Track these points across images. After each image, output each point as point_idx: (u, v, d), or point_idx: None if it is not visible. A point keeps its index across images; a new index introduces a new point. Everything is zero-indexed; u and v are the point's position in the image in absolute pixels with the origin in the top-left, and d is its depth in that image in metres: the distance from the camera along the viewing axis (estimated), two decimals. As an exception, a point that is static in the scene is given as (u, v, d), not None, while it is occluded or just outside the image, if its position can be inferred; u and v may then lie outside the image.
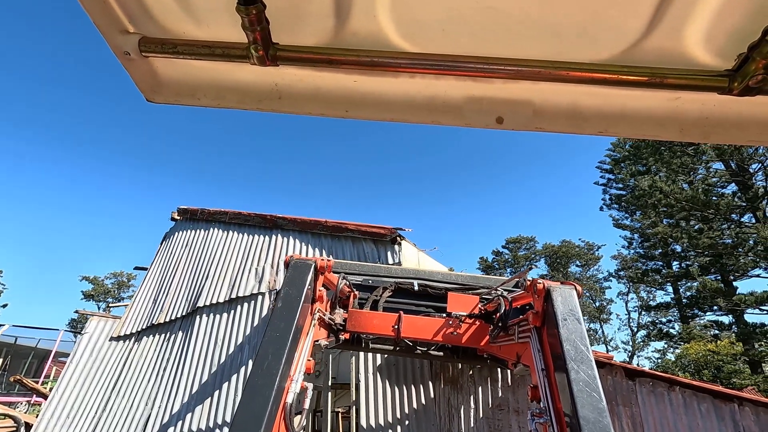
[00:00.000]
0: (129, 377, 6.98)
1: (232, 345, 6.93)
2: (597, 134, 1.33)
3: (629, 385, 6.52)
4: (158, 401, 6.63)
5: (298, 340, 3.04)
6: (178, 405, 6.54)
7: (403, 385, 6.71)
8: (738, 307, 24.65)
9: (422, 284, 5.47)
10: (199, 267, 8.11)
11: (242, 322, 7.21)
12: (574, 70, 1.11)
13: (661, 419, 6.16)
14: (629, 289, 41.54)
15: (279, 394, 2.60)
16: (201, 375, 6.75)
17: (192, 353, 7.02)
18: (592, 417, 2.34)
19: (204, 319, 7.41)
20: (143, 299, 8.28)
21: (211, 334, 7.15)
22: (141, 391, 6.80)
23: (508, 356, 4.15)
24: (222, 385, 6.58)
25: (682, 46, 1.09)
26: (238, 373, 6.68)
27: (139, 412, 6.54)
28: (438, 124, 1.36)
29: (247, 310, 7.30)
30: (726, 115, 1.25)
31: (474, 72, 1.15)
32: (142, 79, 1.32)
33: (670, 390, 6.40)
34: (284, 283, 3.32)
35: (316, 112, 1.36)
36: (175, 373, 6.89)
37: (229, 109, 1.38)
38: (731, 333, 26.95)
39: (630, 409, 6.30)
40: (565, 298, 2.96)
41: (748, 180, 26.33)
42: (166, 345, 7.30)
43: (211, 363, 6.82)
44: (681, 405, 6.24)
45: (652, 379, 6.51)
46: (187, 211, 9.35)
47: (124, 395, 6.79)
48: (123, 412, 6.58)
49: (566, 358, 2.62)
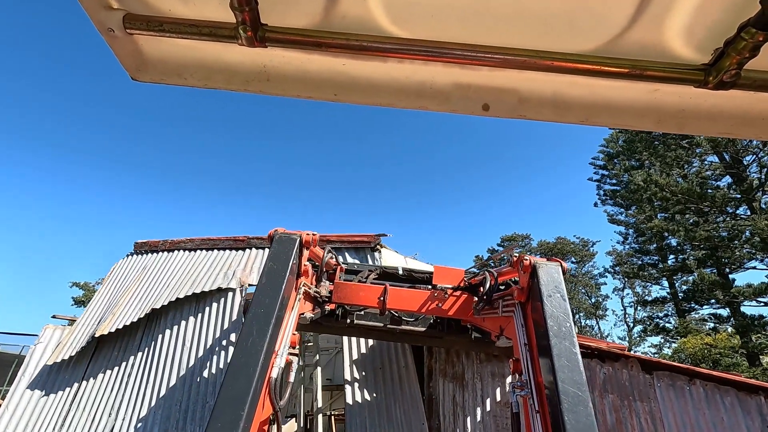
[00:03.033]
0: (89, 388, 6.33)
1: (201, 347, 6.41)
2: (579, 123, 1.37)
3: (646, 379, 6.10)
4: (122, 411, 6.04)
5: (283, 316, 3.02)
6: (144, 412, 5.98)
7: (396, 385, 6.26)
8: (736, 299, 24.56)
9: (406, 269, 5.64)
10: (158, 278, 7.47)
11: (211, 321, 6.69)
12: (559, 60, 1.14)
13: (682, 415, 5.75)
14: (624, 284, 41.53)
15: (264, 371, 2.62)
16: (168, 379, 6.21)
17: (158, 357, 6.47)
18: (571, 390, 2.39)
19: (168, 320, 6.85)
20: (90, 317, 7.46)
21: (177, 335, 6.63)
22: (103, 401, 6.17)
23: (492, 329, 4.22)
24: (192, 388, 6.07)
25: (662, 39, 1.12)
26: (209, 374, 6.17)
27: (102, 424, 5.92)
28: (425, 110, 1.39)
29: (216, 309, 6.77)
30: (700, 108, 1.29)
31: (462, 59, 1.17)
32: (127, 57, 1.30)
33: (691, 383, 5.98)
34: (268, 257, 3.22)
35: (305, 95, 1.37)
36: (141, 379, 6.33)
37: (216, 90, 1.37)
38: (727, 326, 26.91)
39: (648, 405, 5.87)
40: (551, 274, 2.98)
41: (742, 172, 26.29)
42: (129, 351, 6.70)
43: (179, 366, 6.29)
44: (702, 399, 5.83)
45: (670, 371, 6.10)
46: (146, 245, 8.54)
47: (85, 407, 6.13)
48: (84, 426, 5.94)
49: (549, 334, 2.65)
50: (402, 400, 6.31)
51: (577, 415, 2.30)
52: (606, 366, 6.21)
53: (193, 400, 5.91)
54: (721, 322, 27.61)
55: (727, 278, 26.08)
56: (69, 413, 6.04)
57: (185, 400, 5.91)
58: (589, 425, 2.26)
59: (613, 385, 6.04)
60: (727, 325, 27.07)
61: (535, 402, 2.62)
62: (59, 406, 6.13)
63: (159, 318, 6.92)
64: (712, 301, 27.71)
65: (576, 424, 2.26)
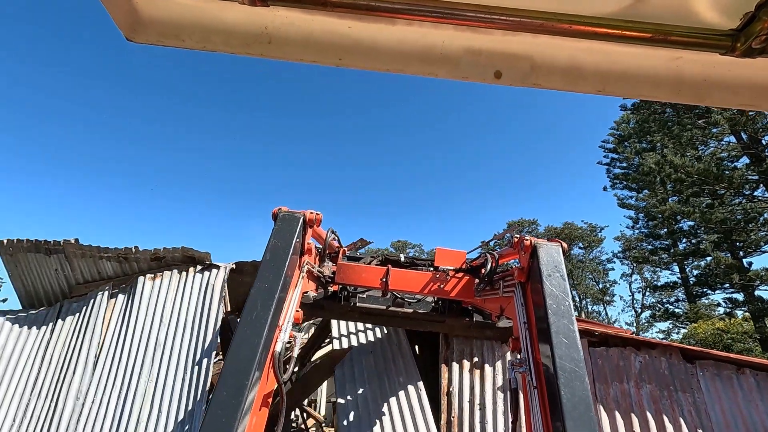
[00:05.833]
0: (51, 373, 5.81)
1: (181, 319, 5.89)
2: (594, 93, 1.32)
3: (688, 368, 5.48)
4: (91, 394, 5.45)
5: (287, 292, 3.06)
6: (117, 392, 5.43)
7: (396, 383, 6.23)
8: (752, 283, 23.88)
9: (409, 257, 5.71)
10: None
11: (194, 289, 6.16)
12: (578, 23, 1.07)
13: (731, 407, 5.12)
14: (633, 269, 40.89)
15: (268, 344, 2.65)
16: (144, 355, 5.66)
17: (131, 331, 5.89)
18: (569, 367, 2.41)
19: (146, 286, 6.27)
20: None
21: (156, 305, 6.09)
22: (67, 385, 5.58)
23: (493, 309, 4.32)
24: (168, 363, 5.60)
25: (687, 2, 1.04)
26: (187, 350, 5.69)
27: (68, 409, 5.37)
28: (434, 76, 1.33)
29: (201, 280, 6.22)
30: (724, 77, 1.23)
31: (475, 21, 1.10)
32: (122, 16, 1.23)
33: (739, 372, 5.37)
34: (272, 235, 3.23)
35: (308, 59, 1.32)
36: (113, 357, 5.75)
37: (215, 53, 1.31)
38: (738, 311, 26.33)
39: (692, 396, 5.27)
40: (551, 254, 3.00)
41: (761, 152, 25.25)
42: (93, 325, 6.08)
43: (156, 341, 5.76)
44: (754, 389, 5.21)
45: (714, 360, 5.48)
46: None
47: (47, 395, 5.57)
48: (48, 413, 5.42)
49: (548, 312, 2.67)
50: (395, 369, 6.27)
51: (573, 389, 2.33)
52: (642, 354, 5.59)
53: (171, 374, 5.53)
54: (735, 307, 26.97)
55: (742, 262, 25.38)
56: (29, 403, 5.50)
57: (163, 376, 5.54)
58: (585, 399, 2.29)
59: (650, 375, 5.43)
60: (740, 309, 26.48)
61: (533, 378, 2.65)
62: (18, 396, 5.68)
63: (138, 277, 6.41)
64: (726, 286, 27.07)
65: (572, 399, 2.29)
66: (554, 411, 2.36)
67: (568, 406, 2.26)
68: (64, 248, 6.69)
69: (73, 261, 6.80)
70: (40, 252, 6.87)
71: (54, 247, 6.72)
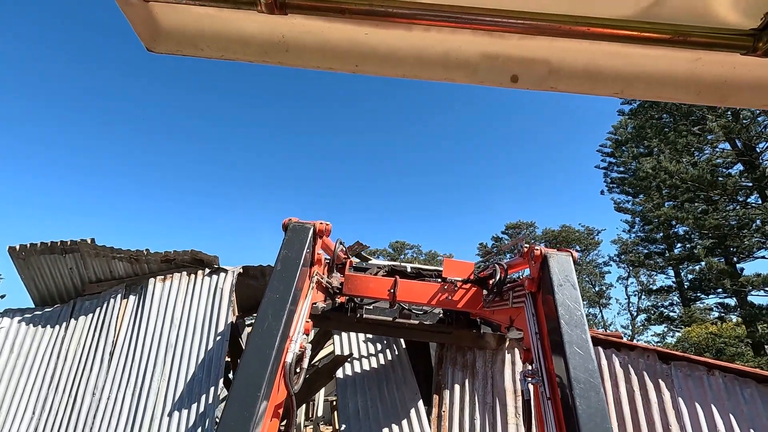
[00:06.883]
0: (68, 368, 6.17)
1: (191, 321, 6.22)
2: (613, 95, 1.30)
3: (664, 369, 5.88)
4: (107, 390, 5.81)
5: (297, 302, 3.06)
6: (131, 389, 5.77)
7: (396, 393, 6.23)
8: (744, 288, 24.25)
9: (415, 267, 5.69)
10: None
11: (203, 292, 6.48)
12: (596, 25, 1.07)
13: (702, 404, 5.53)
14: (629, 273, 41.25)
15: (279, 354, 2.65)
16: (156, 355, 6.01)
17: (143, 331, 6.24)
18: (583, 378, 2.40)
19: (157, 288, 6.60)
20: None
21: (166, 306, 6.41)
22: (84, 381, 5.96)
23: (502, 321, 4.24)
24: (180, 363, 5.90)
25: (707, 3, 1.02)
26: (197, 352, 5.98)
27: (86, 404, 5.73)
28: (451, 81, 1.34)
29: (209, 283, 6.55)
30: (745, 78, 1.22)
31: (491, 26, 1.11)
32: (142, 26, 1.26)
33: (709, 374, 5.76)
34: (283, 245, 3.26)
35: (325, 66, 1.33)
36: (126, 355, 6.10)
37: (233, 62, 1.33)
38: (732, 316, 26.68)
39: (666, 394, 5.65)
40: (562, 264, 2.98)
41: (755, 159, 25.66)
42: (108, 324, 6.45)
43: (167, 341, 6.09)
44: (722, 390, 5.61)
45: (688, 362, 5.87)
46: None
47: (65, 389, 5.95)
48: (66, 407, 5.78)
49: (561, 322, 2.65)
50: (395, 377, 6.36)
51: (589, 401, 2.31)
52: (622, 354, 6.00)
53: (182, 375, 5.81)
54: (728, 312, 27.35)
55: (735, 267, 25.74)
56: (47, 398, 5.88)
57: (175, 376, 5.84)
58: (601, 410, 2.27)
59: (628, 374, 5.83)
60: (733, 314, 26.84)
61: (547, 389, 2.63)
62: (36, 391, 6.04)
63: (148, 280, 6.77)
64: (719, 291, 27.45)
65: (587, 410, 2.28)
66: (569, 422, 2.32)
67: (584, 417, 2.24)
68: (80, 247, 7.08)
69: (87, 260, 7.18)
70: (55, 253, 7.23)
71: (70, 246, 7.10)
